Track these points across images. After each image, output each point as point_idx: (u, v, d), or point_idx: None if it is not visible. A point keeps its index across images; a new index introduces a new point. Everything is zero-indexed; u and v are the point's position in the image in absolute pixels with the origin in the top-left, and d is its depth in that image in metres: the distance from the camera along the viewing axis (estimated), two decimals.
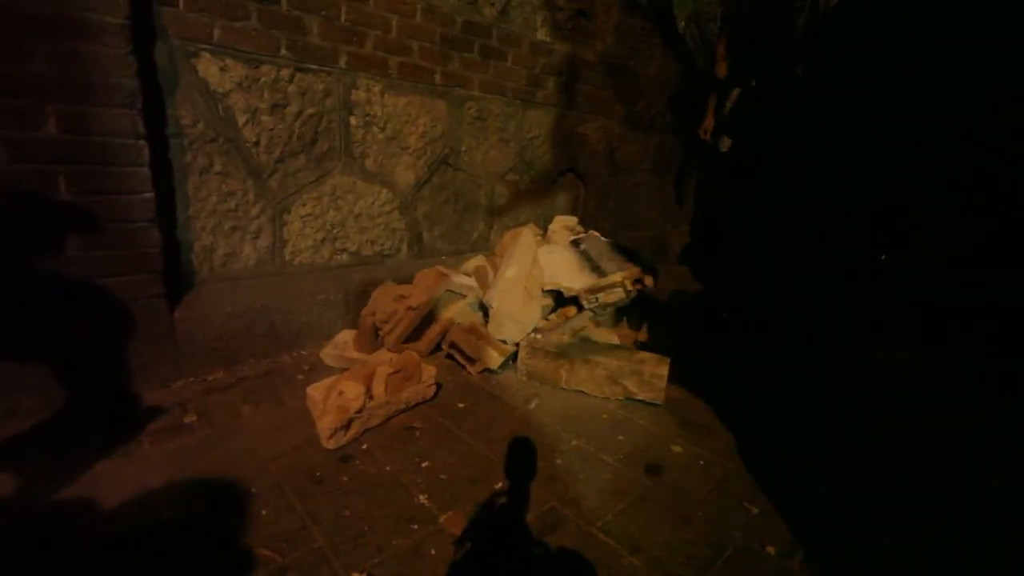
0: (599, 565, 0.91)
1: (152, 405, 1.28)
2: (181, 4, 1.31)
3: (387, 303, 1.61)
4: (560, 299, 1.88)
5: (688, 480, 1.16)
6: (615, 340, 1.75)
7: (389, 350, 1.53)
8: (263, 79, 1.49)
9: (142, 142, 1.23)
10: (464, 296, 1.74)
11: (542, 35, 2.20)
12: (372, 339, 1.58)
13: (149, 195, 1.26)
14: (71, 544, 0.87)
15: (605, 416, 1.41)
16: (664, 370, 1.47)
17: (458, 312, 1.73)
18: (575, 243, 2.07)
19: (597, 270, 1.87)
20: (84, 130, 1.15)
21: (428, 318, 1.66)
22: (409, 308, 1.58)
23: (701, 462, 1.23)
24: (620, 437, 1.31)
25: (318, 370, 1.53)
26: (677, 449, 1.27)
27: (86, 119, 1.14)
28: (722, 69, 2.32)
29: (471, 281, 1.78)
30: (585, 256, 1.95)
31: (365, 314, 1.58)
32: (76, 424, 1.18)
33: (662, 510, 1.05)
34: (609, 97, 2.64)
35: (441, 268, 1.73)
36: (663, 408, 1.46)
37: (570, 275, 1.87)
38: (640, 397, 1.47)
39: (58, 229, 1.16)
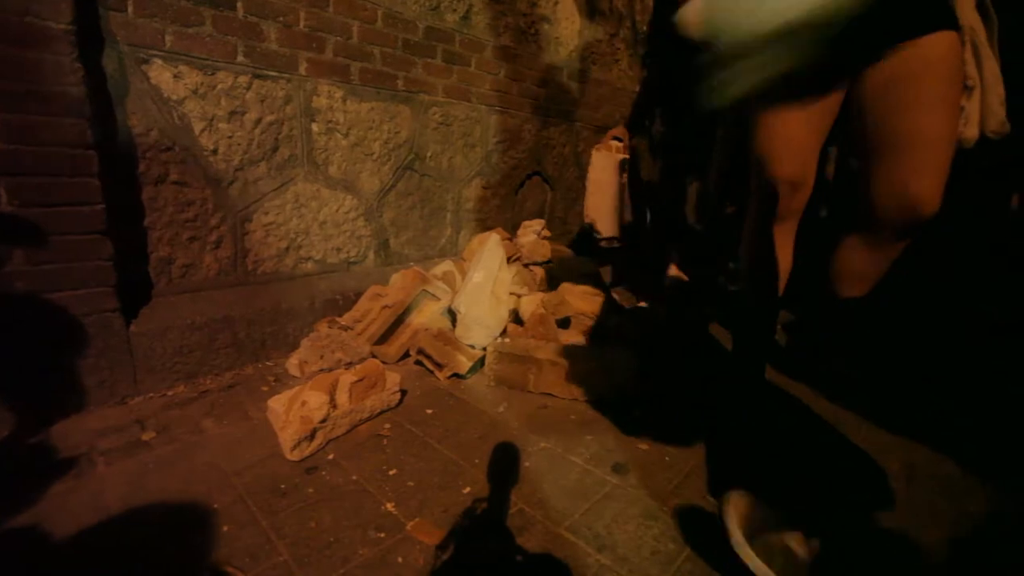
0: (566, 565, 0.92)
1: (108, 423, 1.24)
2: (130, 9, 1.28)
3: (362, 302, 1.59)
4: None
5: (654, 477, 1.18)
6: (582, 340, 1.77)
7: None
8: (220, 86, 1.46)
9: (91, 152, 1.19)
10: (439, 299, 1.74)
11: (505, 40, 2.22)
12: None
13: (100, 206, 1.22)
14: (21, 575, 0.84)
15: (573, 417, 1.42)
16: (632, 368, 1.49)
17: (428, 317, 1.73)
18: None
19: None
20: (27, 140, 1.11)
21: (399, 323, 1.65)
22: (384, 307, 1.57)
23: (666, 458, 1.26)
24: (588, 437, 1.33)
25: (284, 381, 1.51)
26: (643, 447, 1.30)
27: (30, 128, 1.10)
28: None
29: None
30: None
31: (320, 324, 1.56)
32: (24, 447, 1.13)
33: (628, 507, 1.07)
34: (574, 101, 2.68)
35: (419, 269, 1.73)
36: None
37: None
38: (608, 397, 1.49)
39: (1, 242, 1.11)
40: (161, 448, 1.17)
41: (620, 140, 2.19)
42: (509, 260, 2.00)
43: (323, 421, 1.17)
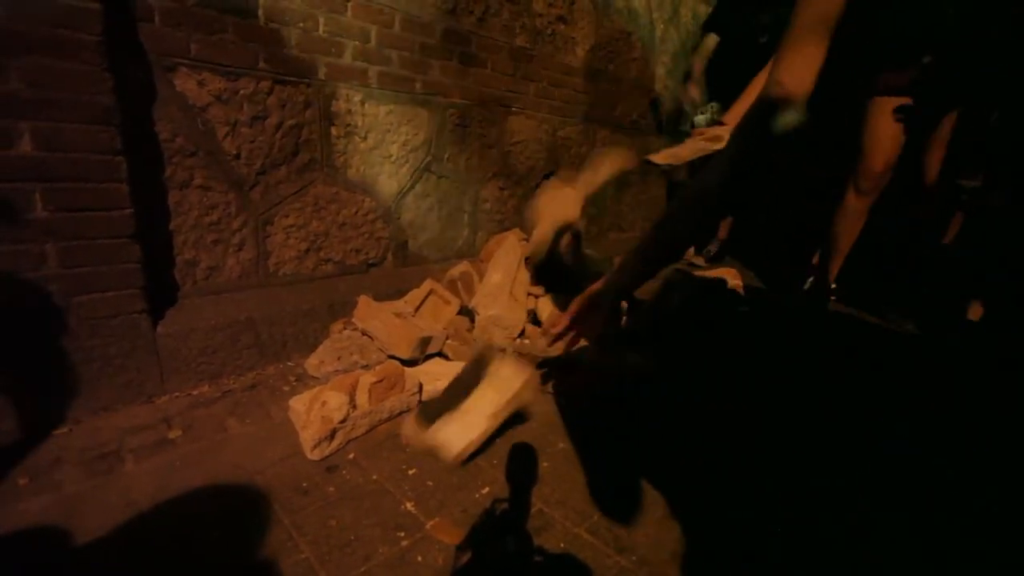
0: (585, 566, 0.91)
1: (136, 422, 1.27)
2: (157, 19, 1.31)
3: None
4: None
5: (672, 477, 1.17)
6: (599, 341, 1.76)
7: None
8: (242, 92, 1.49)
9: (120, 158, 1.22)
10: (449, 303, 1.75)
11: (521, 41, 2.22)
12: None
13: (128, 211, 1.26)
14: (53, 571, 0.86)
15: (591, 417, 1.41)
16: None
17: (447, 319, 1.74)
18: None
19: None
20: (60, 147, 1.14)
21: None
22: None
23: (686, 457, 1.24)
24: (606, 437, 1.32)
25: (305, 381, 1.53)
26: (661, 446, 1.28)
27: (62, 136, 1.14)
28: None
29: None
30: None
31: (334, 325, 1.58)
32: (56, 445, 1.17)
33: (648, 508, 1.06)
34: (591, 101, 2.67)
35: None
36: None
37: None
38: (626, 397, 1.48)
39: (35, 247, 1.15)
40: (187, 446, 1.19)
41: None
42: (527, 261, 2.00)
43: (343, 421, 1.18)
